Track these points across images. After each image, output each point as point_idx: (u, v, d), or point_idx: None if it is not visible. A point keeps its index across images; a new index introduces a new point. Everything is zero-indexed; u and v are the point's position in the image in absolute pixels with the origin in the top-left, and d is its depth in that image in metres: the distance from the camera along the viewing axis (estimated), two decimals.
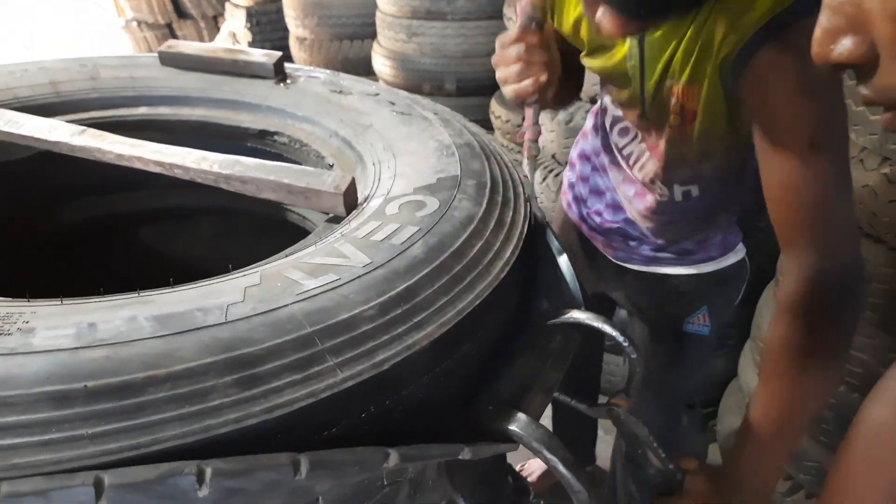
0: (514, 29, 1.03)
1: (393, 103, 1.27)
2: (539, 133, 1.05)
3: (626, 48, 0.99)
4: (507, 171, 1.06)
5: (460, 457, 0.67)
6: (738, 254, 1.28)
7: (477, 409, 0.79)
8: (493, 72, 1.06)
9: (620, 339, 0.85)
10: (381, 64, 3.11)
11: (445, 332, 0.71)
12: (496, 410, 0.77)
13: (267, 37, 4.12)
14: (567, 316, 0.89)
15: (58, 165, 1.20)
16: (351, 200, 0.96)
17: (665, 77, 0.96)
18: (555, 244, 0.95)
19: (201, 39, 4.85)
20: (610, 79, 1.10)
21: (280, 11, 3.85)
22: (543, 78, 0.99)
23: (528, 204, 1.00)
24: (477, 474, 0.88)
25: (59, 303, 0.68)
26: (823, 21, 0.42)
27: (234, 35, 4.26)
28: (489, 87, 2.79)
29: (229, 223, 1.49)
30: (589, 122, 1.36)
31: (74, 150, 1.09)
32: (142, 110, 1.30)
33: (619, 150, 1.21)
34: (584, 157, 1.35)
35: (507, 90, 1.04)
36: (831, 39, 0.42)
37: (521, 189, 1.02)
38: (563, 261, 0.94)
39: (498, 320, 0.84)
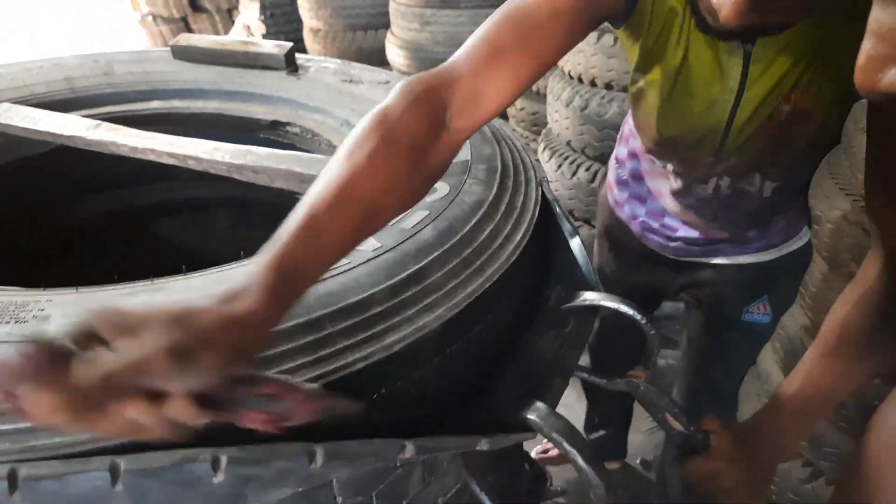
0: None
1: None
2: None
3: (714, 71, 0.88)
4: (518, 155, 1.06)
5: (478, 448, 0.67)
6: (802, 239, 1.20)
7: (494, 398, 0.79)
8: None
9: (637, 317, 0.84)
10: (394, 53, 3.11)
11: (455, 315, 0.71)
12: (514, 399, 0.77)
13: (281, 29, 4.12)
14: (581, 299, 0.88)
15: (74, 160, 1.22)
16: None
17: (773, 93, 0.87)
18: (567, 227, 0.95)
19: (216, 33, 4.89)
20: (686, 122, 0.97)
21: (294, 3, 3.85)
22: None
23: (540, 188, 0.99)
24: (492, 459, 0.88)
25: (75, 291, 0.69)
26: (869, 48, 0.39)
27: (248, 27, 4.27)
28: None
29: (244, 214, 1.50)
30: (632, 120, 1.22)
31: (90, 144, 1.11)
32: (155, 104, 1.32)
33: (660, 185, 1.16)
34: (634, 155, 1.24)
35: None
36: (878, 68, 0.38)
37: (532, 173, 1.02)
38: (576, 243, 0.93)
39: (510, 304, 0.84)
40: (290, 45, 1.39)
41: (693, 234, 1.20)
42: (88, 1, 6.62)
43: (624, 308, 0.85)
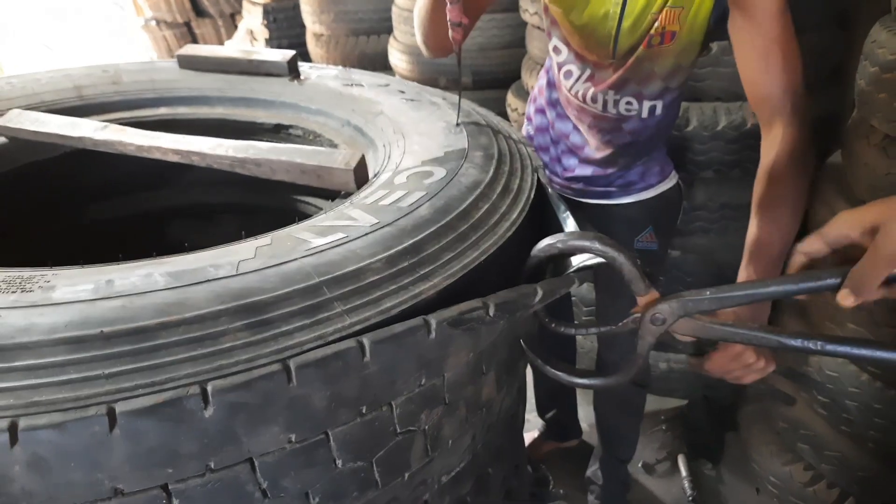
0: None
1: (403, 92, 1.30)
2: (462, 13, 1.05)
3: None
4: (515, 145, 1.08)
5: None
6: (672, 180, 1.58)
7: None
8: (509, 65, 1.11)
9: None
10: (397, 59, 3.10)
11: (451, 284, 0.72)
12: None
13: (284, 34, 4.12)
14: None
15: (85, 164, 1.25)
16: (362, 176, 0.99)
17: (645, 11, 1.20)
18: (561, 209, 0.96)
19: (219, 37, 4.91)
20: (588, 27, 1.29)
21: (297, 8, 3.86)
22: None
23: (536, 174, 1.01)
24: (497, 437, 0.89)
25: (80, 267, 0.71)
26: None
27: (251, 32, 4.27)
28: (505, 80, 2.74)
29: (251, 220, 1.52)
30: (542, 80, 1.58)
31: (98, 145, 1.13)
32: (162, 110, 1.35)
33: (570, 92, 1.44)
34: (541, 111, 1.59)
35: None
36: None
37: (528, 161, 1.04)
38: (571, 224, 0.95)
39: (505, 278, 0.85)
40: (293, 52, 1.42)
41: (587, 171, 1.53)
42: (88, 2, 6.65)
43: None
